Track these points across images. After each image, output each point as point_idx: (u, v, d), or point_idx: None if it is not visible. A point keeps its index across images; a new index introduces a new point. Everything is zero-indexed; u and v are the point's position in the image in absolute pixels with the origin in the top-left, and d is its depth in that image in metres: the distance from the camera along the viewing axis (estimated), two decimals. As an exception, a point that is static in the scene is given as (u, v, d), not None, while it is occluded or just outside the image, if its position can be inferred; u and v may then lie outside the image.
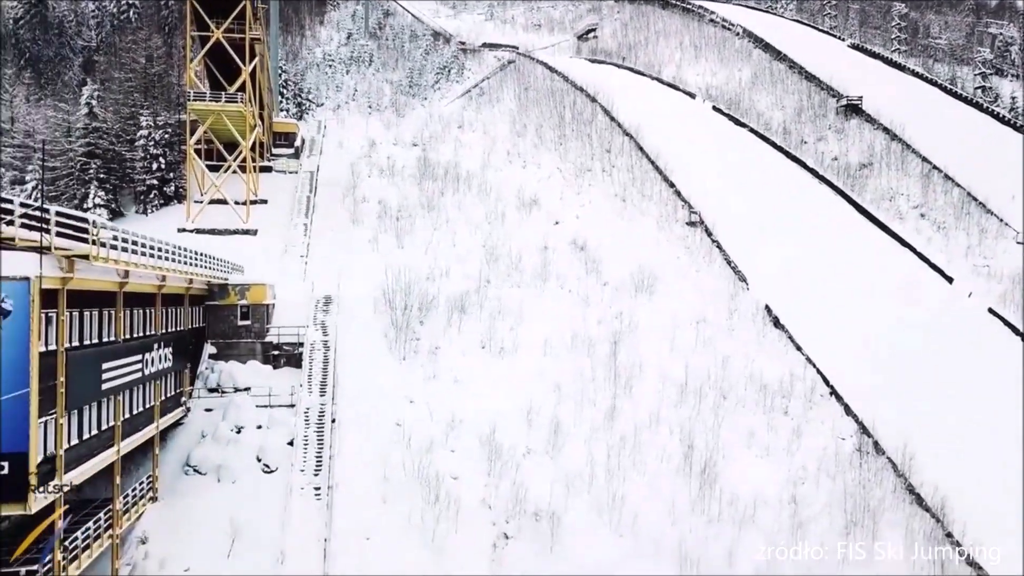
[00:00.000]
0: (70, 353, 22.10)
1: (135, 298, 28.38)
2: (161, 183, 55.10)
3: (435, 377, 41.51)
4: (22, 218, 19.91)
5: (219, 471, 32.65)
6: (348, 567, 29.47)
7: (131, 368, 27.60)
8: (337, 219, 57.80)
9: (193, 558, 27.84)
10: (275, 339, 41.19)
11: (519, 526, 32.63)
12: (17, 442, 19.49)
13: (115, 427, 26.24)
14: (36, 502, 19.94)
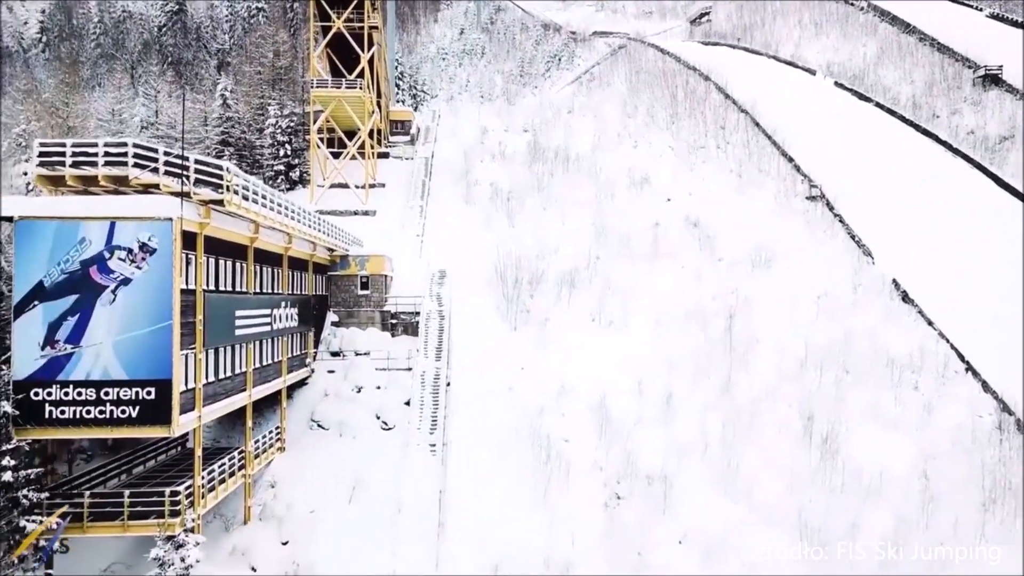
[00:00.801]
0: (207, 294, 23.77)
1: (264, 256, 30.14)
2: (287, 168, 58.13)
3: (545, 347, 41.85)
4: (165, 166, 21.60)
5: (341, 427, 34.14)
6: (462, 519, 30.20)
7: (260, 320, 29.33)
8: (451, 201, 59.12)
9: (317, 503, 29.23)
10: (393, 308, 42.63)
11: (631, 488, 32.48)
12: (161, 370, 21.17)
13: (247, 373, 27.97)
14: (179, 427, 21.56)
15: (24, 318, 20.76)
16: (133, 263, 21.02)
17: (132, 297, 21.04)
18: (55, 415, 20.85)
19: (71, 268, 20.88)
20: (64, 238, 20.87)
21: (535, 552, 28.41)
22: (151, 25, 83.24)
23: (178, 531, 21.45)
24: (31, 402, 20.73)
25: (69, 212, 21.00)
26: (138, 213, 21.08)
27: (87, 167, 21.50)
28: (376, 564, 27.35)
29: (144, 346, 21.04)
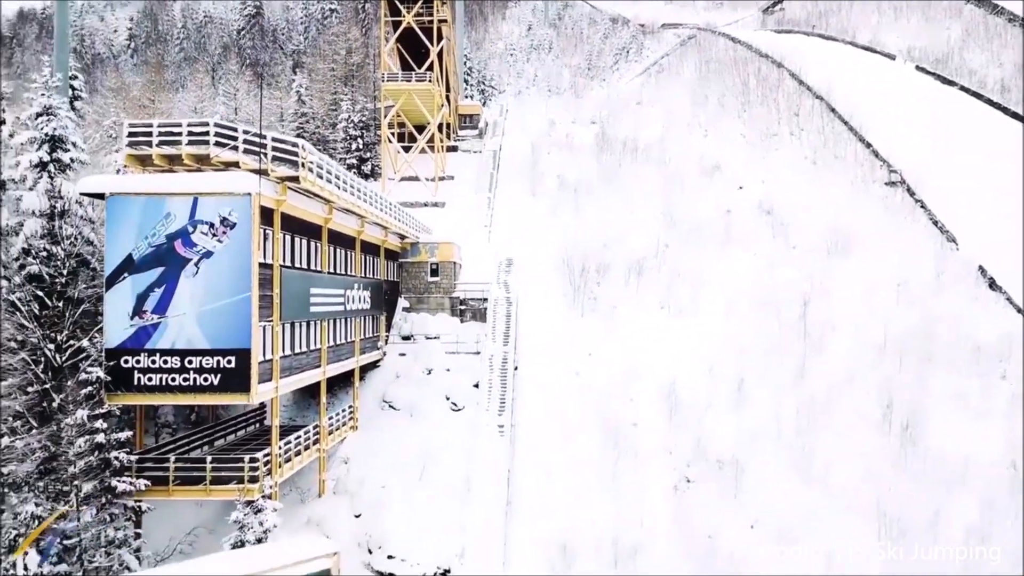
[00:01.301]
0: (284, 270, 24.58)
1: (338, 238, 30.96)
2: (359, 162, 59.50)
3: (613, 334, 41.67)
4: (244, 144, 22.44)
5: (412, 407, 34.75)
6: (530, 498, 30.37)
7: (334, 299, 30.13)
8: (518, 192, 59.47)
9: (389, 479, 29.83)
10: (461, 295, 43.15)
11: (701, 472, 32.06)
12: (241, 339, 22.00)
13: (321, 351, 28.78)
14: (257, 395, 22.37)
15: (115, 289, 21.89)
16: (214, 237, 21.92)
17: (213, 269, 21.95)
18: (143, 382, 21.92)
19: (157, 242, 21.91)
20: (151, 213, 21.91)
21: (603, 532, 28.33)
22: (230, 29, 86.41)
23: (256, 496, 22.21)
24: (121, 369, 21.85)
25: (155, 188, 22.05)
26: (219, 189, 21.98)
27: (172, 146, 22.53)
28: (445, 540, 27.74)
29: (225, 316, 21.91)
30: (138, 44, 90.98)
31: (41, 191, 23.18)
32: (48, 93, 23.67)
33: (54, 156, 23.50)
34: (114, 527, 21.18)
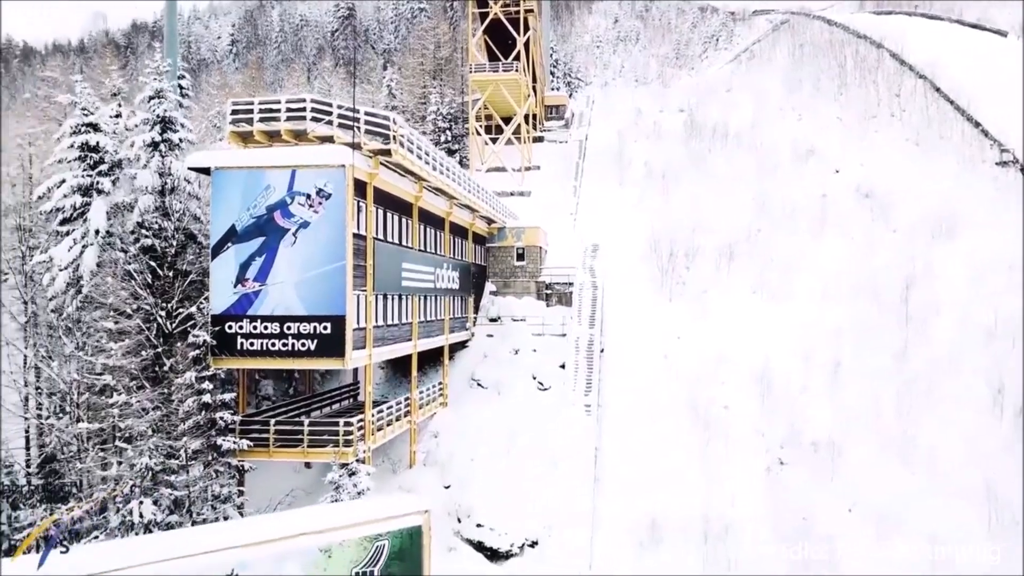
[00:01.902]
0: (376, 242, 25.34)
1: (428, 217, 31.64)
2: (448, 153, 60.48)
3: (702, 317, 40.97)
4: (339, 119, 23.25)
5: (499, 385, 35.14)
6: (617, 476, 30.22)
7: (424, 276, 30.81)
8: (605, 180, 59.14)
9: (477, 453, 30.25)
10: (547, 279, 43.31)
11: (795, 454, 31.17)
12: (336, 306, 22.81)
13: (412, 325, 29.49)
14: (352, 360, 23.14)
15: (220, 258, 23.08)
16: (311, 208, 22.81)
17: (310, 239, 22.84)
18: (245, 347, 23.01)
19: (258, 213, 22.97)
20: (252, 186, 22.99)
21: (692, 511, 27.92)
22: (325, 31, 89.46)
23: (351, 460, 22.97)
24: (226, 334, 23.00)
25: (256, 162, 23.13)
26: (315, 162, 22.86)
27: (271, 123, 23.59)
28: (533, 513, 27.92)
29: (321, 284, 22.77)
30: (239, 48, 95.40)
31: (153, 169, 24.65)
32: (159, 77, 25.16)
33: (164, 136, 24.94)
34: (219, 483, 22.32)
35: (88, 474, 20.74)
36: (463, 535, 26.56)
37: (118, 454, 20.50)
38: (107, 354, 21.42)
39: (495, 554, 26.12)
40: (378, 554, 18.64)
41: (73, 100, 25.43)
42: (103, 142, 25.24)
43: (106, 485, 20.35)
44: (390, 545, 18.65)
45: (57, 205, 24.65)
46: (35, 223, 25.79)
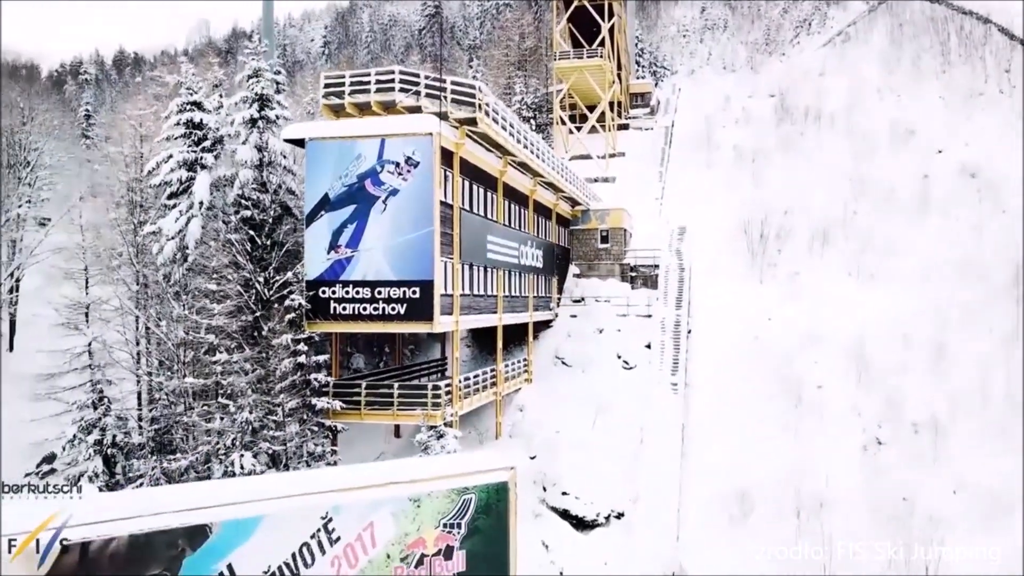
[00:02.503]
0: (463, 212, 25.76)
1: (512, 193, 31.93)
2: (532, 142, 60.86)
3: (795, 299, 39.80)
4: (426, 89, 23.77)
5: (584, 363, 35.08)
6: (706, 452, 29.74)
7: (509, 251, 31.09)
8: (691, 166, 58.19)
9: (563, 425, 30.29)
10: (632, 261, 42.94)
11: (894, 434, 29.95)
12: (424, 271, 23.33)
13: (497, 298, 29.81)
14: (439, 324, 23.60)
15: (314, 226, 23.98)
16: (400, 175, 23.40)
17: (399, 206, 23.43)
18: (338, 311, 23.82)
19: (350, 181, 23.73)
20: (344, 155, 23.78)
21: (785, 486, 27.15)
22: (412, 29, 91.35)
23: (439, 422, 23.42)
24: (319, 299, 23.88)
25: (347, 132, 23.91)
26: (403, 130, 23.45)
27: (361, 95, 24.35)
28: (618, 485, 27.78)
29: (409, 250, 23.33)
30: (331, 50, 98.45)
31: (252, 144, 25.77)
32: (257, 57, 26.31)
33: (262, 114, 26.03)
34: (314, 442, 23.15)
35: (193, 428, 21.88)
36: (549, 503, 26.64)
37: (220, 410, 21.55)
38: (210, 315, 22.55)
39: (581, 522, 26.10)
40: (465, 507, 18.90)
41: (179, 80, 26.92)
42: (206, 119, 26.62)
43: (210, 438, 21.42)
44: (477, 499, 18.88)
45: (165, 179, 26.14)
46: (145, 198, 27.37)
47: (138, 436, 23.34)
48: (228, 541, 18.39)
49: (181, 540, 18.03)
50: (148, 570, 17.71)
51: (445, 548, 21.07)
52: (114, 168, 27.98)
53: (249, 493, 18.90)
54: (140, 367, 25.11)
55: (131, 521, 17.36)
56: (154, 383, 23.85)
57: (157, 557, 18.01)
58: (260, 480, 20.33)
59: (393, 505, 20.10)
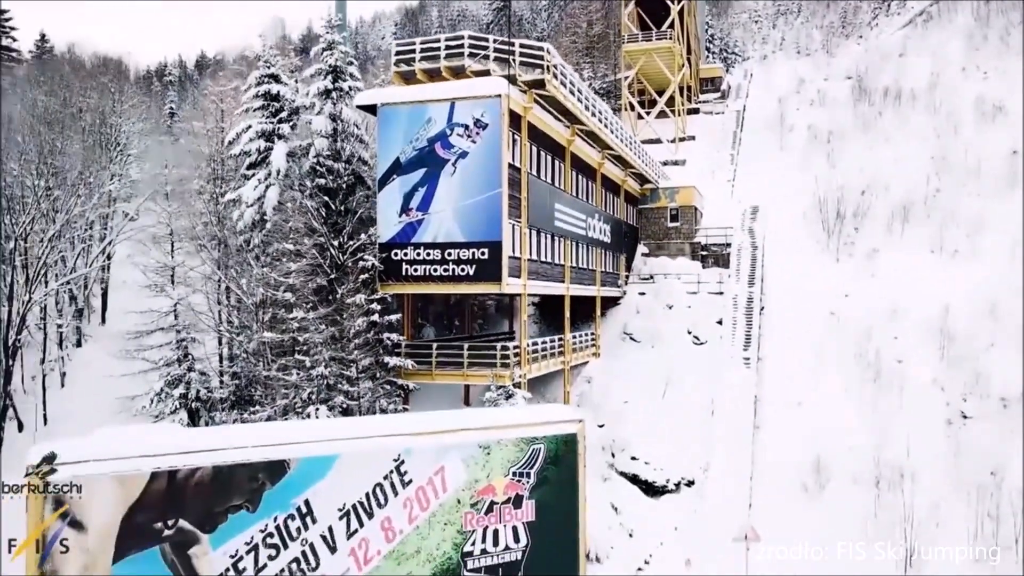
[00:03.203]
0: (530, 176, 25.91)
1: (580, 164, 31.93)
2: (600, 128, 60.63)
3: (874, 276, 38.64)
4: (495, 51, 24.01)
5: (653, 338, 34.76)
6: (778, 424, 29.09)
7: (577, 222, 31.09)
8: (764, 148, 57.09)
9: (631, 395, 30.15)
10: (703, 240, 42.35)
11: (980, 409, 28.68)
12: (492, 232, 23.58)
13: (565, 267, 29.86)
14: (507, 285, 23.81)
15: (386, 190, 24.53)
16: (469, 138, 23.72)
17: (468, 168, 23.76)
18: (409, 272, 24.30)
19: (420, 145, 24.18)
20: (415, 120, 24.24)
21: (863, 458, 26.31)
22: (481, 23, 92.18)
23: (507, 382, 23.62)
24: (391, 261, 24.41)
25: (418, 97, 24.38)
26: (472, 93, 23.77)
27: (431, 61, 24.78)
28: (689, 453, 27.47)
29: (478, 211, 23.62)
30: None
31: (326, 115, 26.53)
32: (331, 30, 27.11)
33: (336, 85, 26.79)
34: (386, 399, 23.66)
35: (271, 382, 22.66)
36: (617, 468, 26.51)
37: (297, 366, 22.26)
38: (286, 273, 23.33)
39: (650, 488, 25.88)
40: (534, 457, 18.99)
41: (257, 54, 27.95)
42: (283, 91, 27.57)
43: (287, 391, 22.14)
44: (546, 450, 18.97)
45: (244, 149, 27.19)
46: (226, 169, 28.50)
47: (220, 390, 24.31)
48: (305, 477, 18.89)
49: (261, 474, 18.62)
50: (230, 501, 18.35)
51: (515, 497, 21.18)
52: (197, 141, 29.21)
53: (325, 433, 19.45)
54: (221, 326, 26.17)
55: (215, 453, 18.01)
56: (235, 340, 24.81)
57: (239, 489, 18.63)
58: (335, 422, 20.96)
59: (463, 451, 20.32)
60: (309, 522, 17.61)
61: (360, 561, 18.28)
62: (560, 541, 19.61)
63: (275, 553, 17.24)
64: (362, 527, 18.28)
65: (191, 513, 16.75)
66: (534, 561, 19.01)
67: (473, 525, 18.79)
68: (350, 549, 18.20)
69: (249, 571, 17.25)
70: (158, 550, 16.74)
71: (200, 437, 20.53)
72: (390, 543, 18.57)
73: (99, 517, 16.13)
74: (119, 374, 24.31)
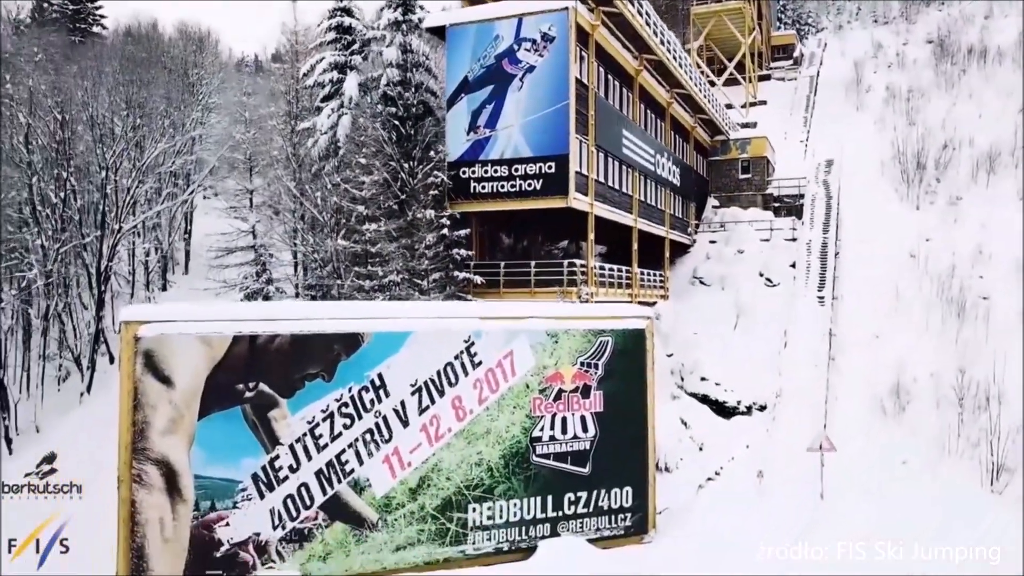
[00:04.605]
0: (597, 96, 25.89)
1: (648, 99, 31.70)
2: (668, 96, 59.94)
3: (957, 222, 37.21)
4: (561, -31, 24.09)
5: (723, 281, 34.25)
6: (855, 355, 28.33)
7: (645, 155, 30.88)
8: (838, 109, 55.60)
9: (699, 327, 29.77)
10: (775, 191, 41.50)
11: (1074, 339, 27.17)
12: (559, 146, 23.70)
13: (633, 199, 29.70)
14: (574, 200, 23.87)
15: (454, 109, 24.91)
16: (536, 52, 23.87)
17: (535, 82, 23.91)
18: (477, 190, 24.61)
19: (488, 63, 24.47)
20: (482, 38, 24.55)
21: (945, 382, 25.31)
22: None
23: (574, 299, 23.65)
24: (460, 179, 24.76)
25: (485, 15, 24.70)
26: (539, 8, 23.92)
27: (498, -18, 25.08)
28: (761, 380, 26.94)
29: (545, 125, 23.75)
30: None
31: (396, 45, 27.09)
32: (401, -37, 27.64)
33: (406, 17, 27.36)
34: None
35: (344, 292, 23.24)
36: (687, 389, 26.20)
37: (369, 275, 22.82)
38: (359, 185, 23.92)
39: (721, 408, 25.49)
40: (602, 349, 19.14)
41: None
42: (354, 24, 28.32)
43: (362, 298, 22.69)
44: (613, 343, 19.09)
45: (318, 80, 28.06)
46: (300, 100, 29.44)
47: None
48: (379, 351, 19.27)
49: (337, 345, 19.08)
50: (307, 368, 18.84)
51: (582, 387, 21.23)
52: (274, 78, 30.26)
53: (399, 311, 19.78)
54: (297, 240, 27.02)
55: (293, 322, 18.51)
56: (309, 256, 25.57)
57: (315, 357, 19.14)
58: (409, 304, 21.35)
59: (531, 337, 20.44)
60: (382, 395, 18.09)
61: (432, 437, 18.67)
62: (629, 436, 19.61)
63: (349, 423, 17.77)
64: (433, 404, 18.69)
65: (270, 378, 17.40)
66: (602, 453, 19.07)
67: (541, 411, 19.05)
68: (422, 424, 18.63)
69: (325, 438, 17.80)
70: (240, 410, 17.41)
71: (280, 308, 21.18)
72: (461, 422, 18.95)
73: (185, 375, 16.83)
74: (202, 288, 25.36)
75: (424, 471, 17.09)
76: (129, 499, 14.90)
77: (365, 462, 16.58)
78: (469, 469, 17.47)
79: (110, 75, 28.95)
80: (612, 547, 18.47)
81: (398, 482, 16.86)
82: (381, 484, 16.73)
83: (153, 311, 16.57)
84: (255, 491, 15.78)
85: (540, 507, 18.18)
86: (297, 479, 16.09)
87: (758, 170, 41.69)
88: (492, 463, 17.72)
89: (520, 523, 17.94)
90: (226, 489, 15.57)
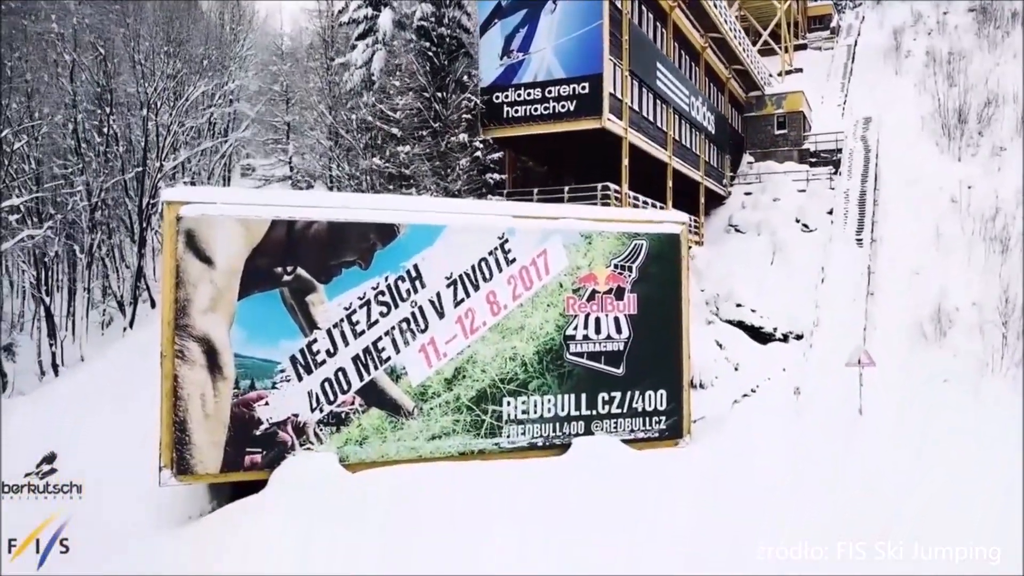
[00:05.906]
0: (631, 21, 25.79)
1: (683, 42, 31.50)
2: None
3: (1000, 170, 36.36)
4: None
5: (758, 227, 33.82)
6: (894, 289, 27.88)
7: (680, 93, 30.67)
8: (877, 75, 54.67)
9: (736, 266, 29.48)
10: (811, 147, 40.95)
11: (1124, 271, 26.40)
12: (593, 65, 23.71)
13: (667, 136, 29.53)
14: (608, 121, 23.81)
15: (487, 35, 25.02)
16: (570, -26, 23.88)
17: (569, 3, 23.89)
18: (511, 115, 24.67)
19: (521, -14, 24.54)
20: (516, -38, 24.63)
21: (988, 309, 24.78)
22: None
23: (608, 223, 23.52)
24: (493, 105, 24.84)
25: (520, -61, 24.74)
26: (573, -70, 23.93)
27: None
28: (797, 312, 26.60)
29: (579, 45, 23.75)
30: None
31: (431, -20, 27.26)
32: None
33: (439, -47, 27.50)
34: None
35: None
36: (722, 316, 25.95)
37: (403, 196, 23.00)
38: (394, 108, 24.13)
39: (757, 334, 25.20)
40: (636, 252, 19.09)
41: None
42: (389, -40, 28.59)
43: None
44: (648, 246, 19.03)
45: (352, 16, 28.37)
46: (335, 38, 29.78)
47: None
48: (414, 242, 19.42)
49: (372, 234, 19.28)
50: (344, 256, 19.07)
51: (616, 288, 21.16)
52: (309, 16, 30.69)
53: (434, 206, 19.96)
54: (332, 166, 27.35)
55: (330, 210, 18.74)
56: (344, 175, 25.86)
57: (352, 246, 19.36)
58: (444, 200, 21.50)
59: (565, 237, 20.46)
60: (418, 285, 18.24)
61: (467, 329, 18.76)
62: (663, 339, 19.50)
63: (386, 311, 17.93)
64: (468, 297, 18.80)
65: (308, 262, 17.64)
66: (636, 355, 18.98)
67: (575, 310, 19.05)
68: (457, 317, 18.73)
69: (362, 324, 17.97)
70: (278, 293, 17.67)
71: (317, 196, 21.49)
72: (495, 316, 19.02)
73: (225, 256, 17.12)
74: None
75: (459, 362, 17.22)
76: (172, 373, 15.22)
77: (401, 350, 16.74)
78: (504, 363, 17.56)
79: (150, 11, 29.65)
80: (646, 449, 18.38)
81: (434, 372, 17.01)
82: (417, 373, 16.89)
83: (194, 192, 16.89)
84: (293, 373, 16.02)
85: (574, 404, 18.20)
86: (334, 363, 16.30)
87: (794, 125, 41.18)
88: (527, 358, 17.78)
89: (554, 419, 17.97)
90: (265, 369, 15.82)
